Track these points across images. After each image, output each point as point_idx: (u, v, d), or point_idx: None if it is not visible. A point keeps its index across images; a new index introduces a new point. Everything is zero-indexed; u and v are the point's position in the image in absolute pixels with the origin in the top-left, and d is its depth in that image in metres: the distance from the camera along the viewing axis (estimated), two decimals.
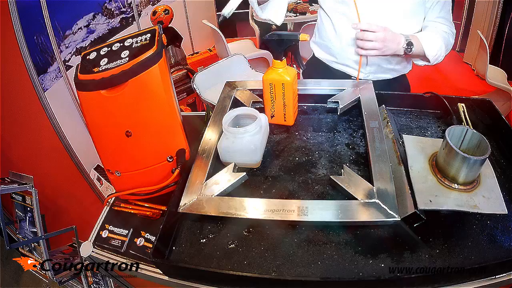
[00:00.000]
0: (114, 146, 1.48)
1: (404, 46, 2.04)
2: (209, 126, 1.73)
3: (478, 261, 1.30)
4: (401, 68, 2.43)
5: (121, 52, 1.39)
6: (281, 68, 1.70)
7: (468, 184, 1.40)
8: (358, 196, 1.38)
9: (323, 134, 1.80)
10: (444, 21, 2.24)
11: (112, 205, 1.66)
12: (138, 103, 1.40)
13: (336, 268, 1.29)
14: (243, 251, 1.36)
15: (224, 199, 1.42)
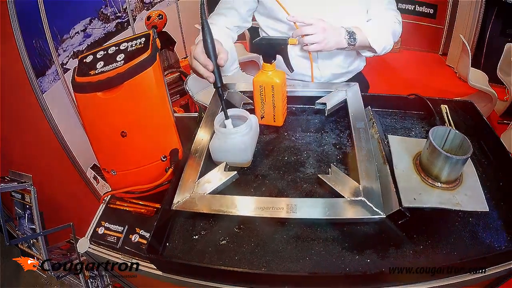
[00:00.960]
0: (110, 146, 1.48)
1: (346, 37, 1.97)
2: (201, 126, 1.73)
3: (460, 256, 1.31)
4: (354, 69, 2.43)
5: (117, 56, 1.39)
6: (270, 71, 1.71)
7: (451, 183, 1.41)
8: (345, 194, 1.38)
9: (311, 135, 1.80)
10: (390, 10, 2.29)
11: (108, 203, 1.66)
12: (133, 104, 1.40)
13: (323, 263, 1.29)
14: (234, 247, 1.36)
15: (216, 197, 1.42)
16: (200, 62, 1.58)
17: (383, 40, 2.14)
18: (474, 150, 1.65)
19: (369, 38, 2.07)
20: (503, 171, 1.62)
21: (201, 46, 1.57)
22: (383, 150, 1.59)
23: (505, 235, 1.38)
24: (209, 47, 1.52)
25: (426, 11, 8.74)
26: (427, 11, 8.73)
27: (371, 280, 1.30)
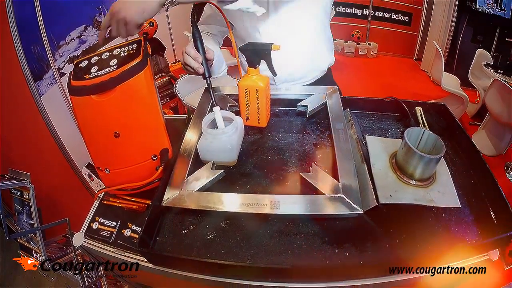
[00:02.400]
0: (104, 146, 1.47)
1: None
2: (190, 127, 1.72)
3: (434, 250, 1.32)
4: (312, 72, 2.36)
5: (110, 61, 1.39)
6: (255, 75, 1.71)
7: (425, 181, 1.43)
8: (325, 191, 1.38)
9: (293, 135, 1.80)
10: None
11: (102, 200, 1.65)
12: (126, 106, 1.40)
13: (305, 256, 1.30)
14: (220, 241, 1.36)
15: (204, 194, 1.42)
16: (190, 56, 1.66)
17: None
18: (446, 149, 1.67)
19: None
20: (474, 170, 1.63)
21: (191, 43, 1.67)
22: (361, 150, 1.60)
23: (475, 230, 1.39)
24: (197, 42, 1.64)
25: (401, 19, 8.81)
26: (403, 19, 8.80)
27: (350, 272, 1.32)
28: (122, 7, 1.32)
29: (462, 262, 1.39)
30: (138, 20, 1.36)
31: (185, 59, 1.70)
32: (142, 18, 1.36)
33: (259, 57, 1.68)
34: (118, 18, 1.33)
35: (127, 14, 1.32)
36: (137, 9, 1.34)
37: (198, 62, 1.66)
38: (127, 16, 1.32)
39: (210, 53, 1.71)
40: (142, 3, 1.35)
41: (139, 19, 1.35)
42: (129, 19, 1.33)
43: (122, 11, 1.32)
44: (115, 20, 1.34)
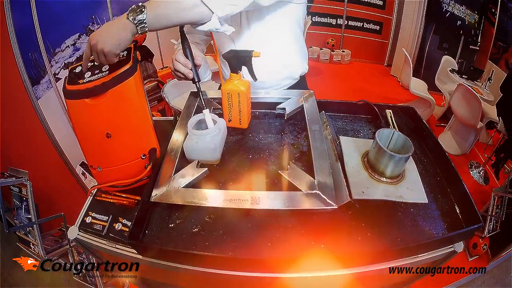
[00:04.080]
0: (96, 146, 1.46)
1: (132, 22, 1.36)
2: (176, 129, 1.72)
3: (403, 242, 1.34)
4: (285, 80, 2.28)
5: (102, 67, 1.38)
6: (237, 80, 1.71)
7: (394, 178, 1.46)
8: (302, 188, 1.38)
9: (272, 136, 1.81)
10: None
11: (95, 196, 1.64)
12: (117, 109, 1.39)
13: (283, 248, 1.31)
14: (205, 234, 1.36)
15: (189, 190, 1.41)
16: (180, 62, 1.65)
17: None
18: (415, 149, 1.69)
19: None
20: (440, 168, 1.65)
21: (181, 51, 1.66)
22: (335, 149, 1.61)
23: (442, 224, 1.41)
24: (186, 50, 1.63)
25: (373, 28, 8.87)
26: (374, 28, 8.86)
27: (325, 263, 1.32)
28: (100, 40, 1.30)
29: (428, 254, 1.41)
30: (116, 51, 1.34)
31: (175, 65, 1.69)
32: (118, 49, 1.34)
33: (241, 63, 1.69)
34: (97, 50, 1.32)
35: (105, 47, 1.30)
36: (113, 41, 1.32)
37: (188, 68, 1.65)
38: (104, 49, 1.30)
39: (199, 59, 1.70)
40: (117, 35, 1.33)
41: (116, 50, 1.33)
42: (107, 51, 1.31)
43: (99, 44, 1.30)
44: (94, 51, 1.33)
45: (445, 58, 5.69)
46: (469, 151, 5.20)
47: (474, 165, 4.99)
